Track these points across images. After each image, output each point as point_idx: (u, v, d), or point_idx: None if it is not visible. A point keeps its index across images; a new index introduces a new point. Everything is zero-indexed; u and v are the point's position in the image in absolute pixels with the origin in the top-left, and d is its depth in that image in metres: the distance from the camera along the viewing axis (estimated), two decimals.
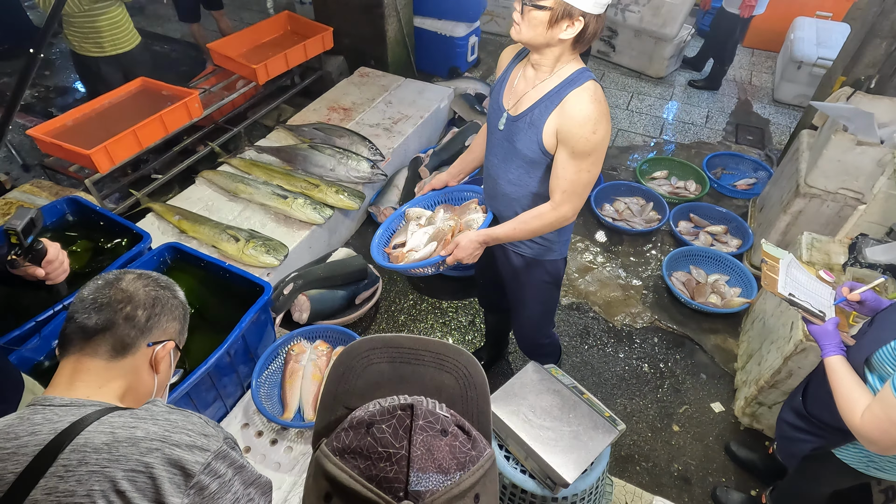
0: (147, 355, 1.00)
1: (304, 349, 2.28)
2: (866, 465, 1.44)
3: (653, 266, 3.15)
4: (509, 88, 1.59)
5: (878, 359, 1.27)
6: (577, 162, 1.46)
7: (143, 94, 3.21)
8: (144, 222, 2.75)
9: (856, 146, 2.43)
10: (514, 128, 1.55)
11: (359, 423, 0.52)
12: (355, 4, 4.06)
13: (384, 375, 0.60)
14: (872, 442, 1.22)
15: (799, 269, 1.48)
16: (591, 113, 1.41)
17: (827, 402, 1.36)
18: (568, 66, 1.47)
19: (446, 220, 1.87)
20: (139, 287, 1.00)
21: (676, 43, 4.72)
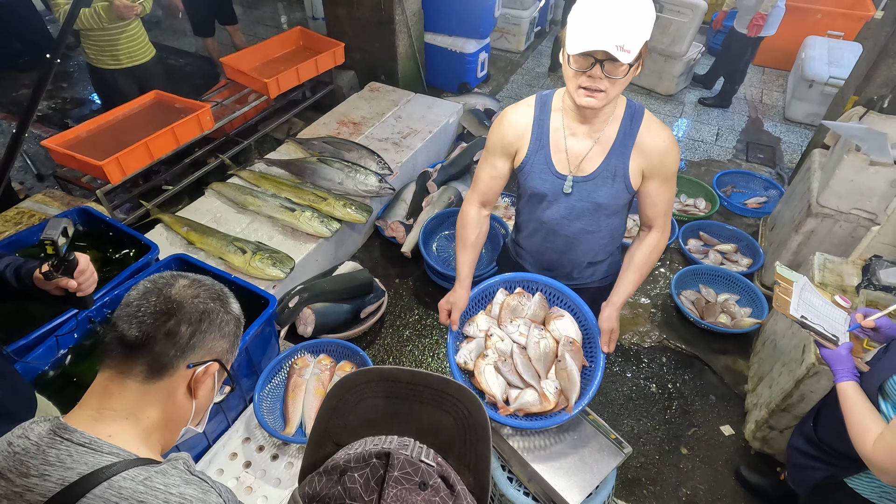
0: (186, 377, 0.88)
1: (308, 363, 2.26)
2: (879, 496, 1.39)
3: (661, 284, 3.11)
4: (559, 153, 1.45)
5: (892, 386, 1.23)
6: (669, 185, 1.47)
7: (156, 107, 3.26)
8: (153, 233, 2.76)
9: (869, 166, 2.40)
10: (589, 186, 1.46)
11: (333, 469, 0.49)
12: (367, 20, 4.12)
13: (378, 411, 0.57)
14: (885, 472, 1.18)
15: (813, 293, 1.45)
16: (670, 137, 1.41)
17: (839, 429, 1.32)
18: (618, 104, 1.40)
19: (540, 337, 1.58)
20: (188, 297, 0.88)
21: (686, 61, 4.72)
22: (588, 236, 1.57)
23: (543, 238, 1.64)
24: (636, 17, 1.18)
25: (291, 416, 2.09)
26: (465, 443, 0.55)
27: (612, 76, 1.22)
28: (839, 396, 1.31)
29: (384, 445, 0.50)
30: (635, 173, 1.43)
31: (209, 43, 4.78)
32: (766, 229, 3.40)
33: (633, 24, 1.17)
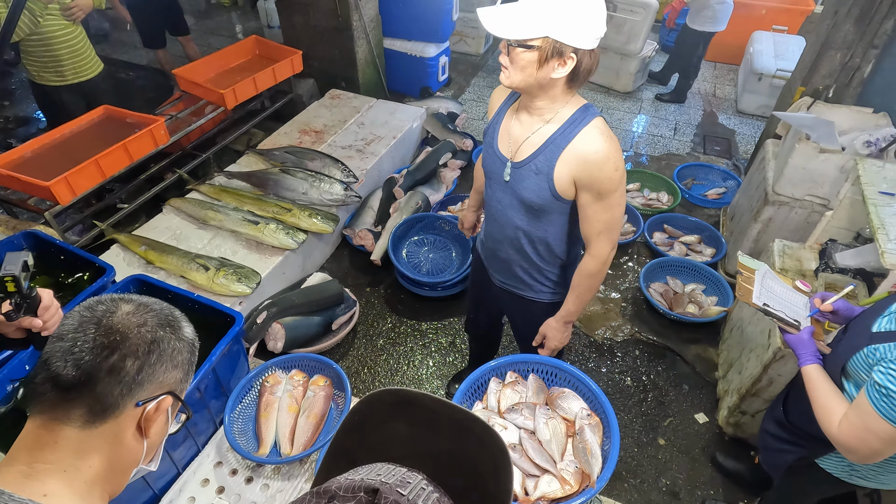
0: (135, 417, 0.78)
1: (280, 380, 2.19)
2: (849, 475, 1.43)
3: (630, 278, 3.16)
4: (504, 134, 1.51)
5: (853, 366, 1.27)
6: (605, 202, 1.39)
7: (106, 123, 3.12)
8: (109, 254, 2.65)
9: (819, 154, 2.50)
10: (517, 175, 1.48)
11: (324, 492, 0.46)
12: (324, 28, 4.06)
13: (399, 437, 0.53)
14: (850, 451, 1.21)
15: (774, 280, 1.48)
16: (606, 151, 1.34)
17: (807, 411, 1.35)
18: (567, 106, 1.39)
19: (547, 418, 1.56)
20: (132, 326, 0.78)
21: (641, 58, 4.83)
22: (520, 233, 1.58)
23: (490, 224, 1.69)
24: (530, 4, 1.24)
25: (264, 436, 2.01)
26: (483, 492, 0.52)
27: (512, 59, 1.30)
28: (804, 380, 1.34)
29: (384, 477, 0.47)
30: (563, 178, 1.39)
31: (160, 55, 4.63)
32: (726, 219, 3.50)
33: (522, 7, 1.25)
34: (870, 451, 1.17)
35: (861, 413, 1.17)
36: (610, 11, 4.64)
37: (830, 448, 1.39)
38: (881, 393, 1.12)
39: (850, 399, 1.27)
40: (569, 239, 1.59)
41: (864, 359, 1.23)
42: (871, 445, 1.16)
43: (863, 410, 1.16)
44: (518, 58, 1.28)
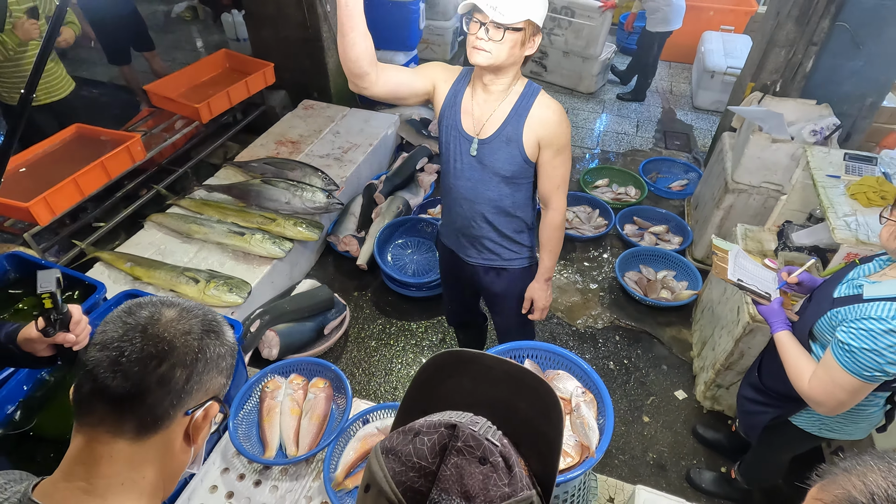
0: (183, 425, 0.76)
1: (280, 385, 2.23)
2: (819, 429, 1.59)
3: (606, 269, 3.32)
4: (467, 115, 1.63)
5: (819, 329, 1.42)
6: (561, 157, 1.62)
7: (79, 141, 3.09)
8: (93, 272, 2.63)
9: (772, 144, 2.71)
10: (487, 149, 1.62)
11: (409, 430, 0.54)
12: (293, 40, 4.10)
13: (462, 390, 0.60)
14: (820, 404, 1.35)
15: (745, 258, 1.63)
16: (560, 111, 1.58)
17: (780, 374, 1.50)
18: (519, 82, 1.60)
19: None
20: (179, 333, 0.75)
21: (601, 61, 5.06)
22: (491, 205, 1.71)
23: (452, 204, 1.78)
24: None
25: (269, 439, 2.05)
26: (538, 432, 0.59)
27: (493, 39, 1.44)
28: (777, 345, 1.49)
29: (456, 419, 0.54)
30: (530, 142, 1.59)
31: (125, 71, 4.58)
32: (690, 208, 3.71)
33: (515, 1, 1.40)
34: (837, 402, 1.31)
35: (828, 369, 1.31)
36: (569, 18, 4.87)
37: (802, 405, 1.54)
38: (844, 349, 1.27)
39: (817, 359, 1.42)
40: (532, 203, 1.78)
41: (827, 322, 1.37)
42: (838, 397, 1.30)
43: (829, 366, 1.30)
44: (508, 39, 1.44)
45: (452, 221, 1.85)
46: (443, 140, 1.72)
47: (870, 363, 1.23)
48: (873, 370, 1.23)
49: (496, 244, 1.81)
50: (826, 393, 1.32)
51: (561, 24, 4.94)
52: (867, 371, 1.24)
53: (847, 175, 2.06)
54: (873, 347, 1.22)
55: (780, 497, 2.18)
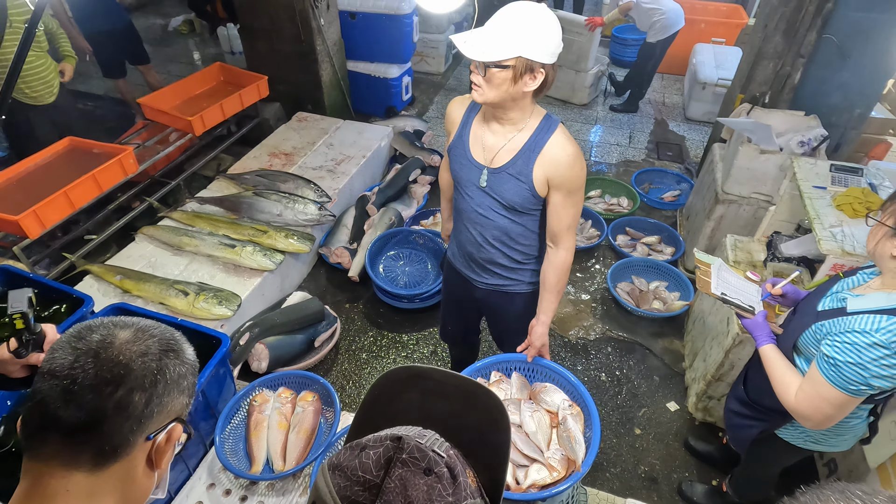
0: (145, 450, 0.73)
1: (268, 398, 2.22)
2: (805, 441, 1.58)
3: (598, 280, 3.32)
4: (477, 143, 1.62)
5: (803, 342, 1.41)
6: (572, 199, 1.57)
7: (72, 154, 3.10)
8: (83, 286, 2.62)
9: (760, 155, 2.72)
10: (497, 180, 1.60)
11: (357, 445, 0.54)
12: (288, 53, 4.14)
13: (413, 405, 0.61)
14: (807, 418, 1.35)
15: (728, 272, 1.63)
16: (575, 153, 1.52)
17: (765, 387, 1.49)
18: (534, 116, 1.55)
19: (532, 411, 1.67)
20: (135, 355, 0.71)
21: (594, 73, 5.10)
22: (498, 235, 1.70)
23: (462, 228, 1.78)
24: (499, 28, 1.39)
25: (256, 454, 2.04)
26: (487, 443, 0.59)
27: (487, 78, 1.42)
28: (762, 359, 1.48)
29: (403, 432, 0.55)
30: (539, 179, 1.55)
31: (120, 84, 4.61)
32: (682, 219, 3.72)
33: (492, 31, 1.39)
34: (823, 416, 1.30)
35: (814, 383, 1.30)
36: None
37: (788, 419, 1.53)
38: (829, 363, 1.26)
39: (802, 372, 1.41)
40: (540, 231, 1.75)
41: (812, 335, 1.37)
42: (824, 411, 1.29)
43: (815, 380, 1.30)
44: (494, 77, 1.41)
45: (462, 244, 1.84)
46: (454, 167, 1.71)
47: (855, 377, 1.23)
48: (859, 384, 1.23)
49: (506, 269, 1.80)
50: (813, 407, 1.31)
51: None
52: (853, 385, 1.24)
53: (833, 186, 2.07)
54: (858, 361, 1.21)
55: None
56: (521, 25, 1.36)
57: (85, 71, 5.64)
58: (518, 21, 1.37)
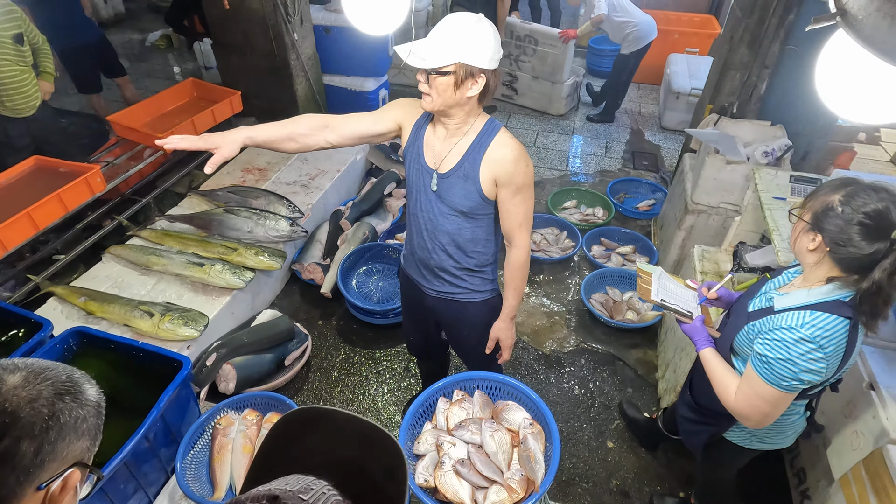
0: (37, 500, 0.69)
1: (232, 421, 2.19)
2: (751, 442, 1.61)
3: (573, 291, 3.32)
4: (428, 149, 1.67)
5: (738, 344, 1.45)
6: (521, 196, 1.62)
7: (38, 173, 3.05)
8: (46, 308, 2.57)
9: (727, 165, 2.75)
10: (446, 184, 1.64)
11: (234, 502, 0.53)
12: (262, 67, 4.12)
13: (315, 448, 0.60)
14: (747, 418, 1.37)
15: (668, 280, 1.67)
16: (517, 151, 1.57)
17: (710, 391, 1.50)
18: (478, 120, 1.61)
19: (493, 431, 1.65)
20: (24, 402, 0.68)
21: (570, 84, 5.14)
22: (447, 237, 1.71)
23: (414, 233, 1.80)
24: (441, 37, 1.45)
25: (219, 479, 2.00)
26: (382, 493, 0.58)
27: (432, 85, 1.48)
28: (702, 362, 1.50)
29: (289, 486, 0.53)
30: (487, 179, 1.59)
31: (94, 100, 4.57)
32: (657, 228, 3.74)
33: (435, 41, 1.46)
34: (762, 414, 1.34)
35: (750, 382, 1.33)
36: (534, 46, 4.98)
37: (734, 421, 1.55)
38: (762, 361, 1.30)
39: (740, 373, 1.44)
40: (494, 238, 1.78)
41: (745, 336, 1.40)
42: (762, 409, 1.32)
43: (751, 380, 1.33)
44: (437, 83, 1.47)
45: (414, 251, 1.85)
46: (408, 172, 1.74)
47: (786, 372, 1.26)
48: (790, 379, 1.26)
49: (456, 277, 1.80)
50: (751, 406, 1.34)
51: (526, 50, 5.04)
52: (785, 381, 1.27)
53: (792, 197, 2.09)
54: (788, 357, 1.25)
55: None
56: (459, 34, 1.44)
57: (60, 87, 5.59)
58: (456, 30, 1.45)
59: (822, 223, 1.24)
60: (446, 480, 1.53)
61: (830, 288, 1.26)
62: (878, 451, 1.60)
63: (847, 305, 1.24)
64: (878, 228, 1.16)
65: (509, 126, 5.16)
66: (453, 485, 1.52)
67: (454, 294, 1.84)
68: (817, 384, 1.31)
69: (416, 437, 1.69)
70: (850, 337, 1.24)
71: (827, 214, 1.23)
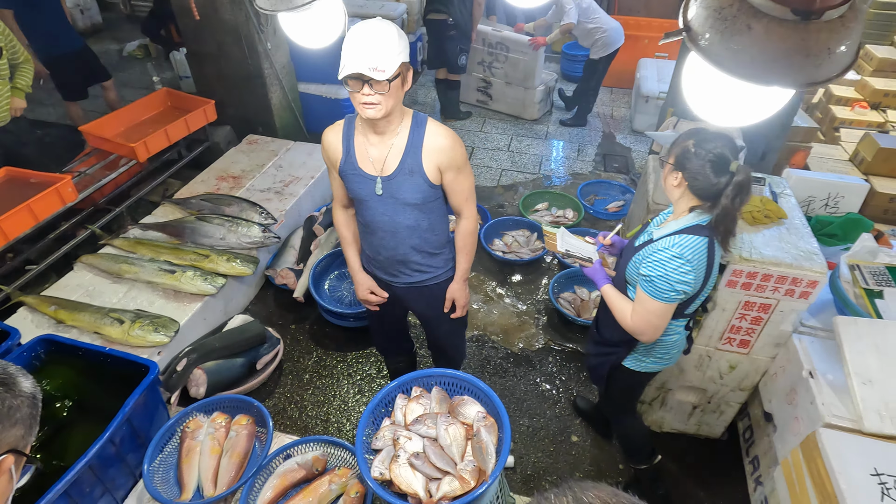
0: None
1: (201, 424, 2.21)
2: (645, 366, 1.89)
3: (542, 291, 3.40)
4: (364, 159, 1.74)
5: (629, 274, 1.71)
6: (463, 174, 1.77)
7: (9, 184, 3.07)
8: (16, 318, 2.59)
9: None
10: (393, 184, 1.72)
11: None
12: (235, 77, 4.17)
13: None
14: (642, 333, 1.67)
15: (571, 237, 1.93)
16: (451, 136, 1.71)
17: (610, 322, 1.80)
18: (405, 117, 1.70)
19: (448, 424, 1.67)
20: None
21: (542, 89, 5.25)
22: (410, 231, 1.82)
23: (372, 237, 1.88)
24: (384, 44, 1.50)
25: (186, 481, 2.03)
26: None
27: (379, 92, 1.52)
28: (603, 297, 1.80)
29: None
30: (431, 169, 1.70)
31: (73, 109, 4.59)
32: (625, 228, 3.84)
33: (381, 50, 1.49)
34: (653, 327, 1.64)
35: (641, 302, 1.63)
36: (506, 53, 5.08)
37: (629, 348, 1.85)
38: (646, 281, 1.60)
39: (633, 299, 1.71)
40: (446, 218, 1.91)
41: (634, 266, 1.68)
42: (652, 322, 1.63)
43: (641, 299, 1.63)
44: (393, 88, 1.54)
45: (377, 252, 1.93)
46: (351, 187, 1.81)
47: (664, 286, 1.56)
48: (668, 291, 1.57)
49: (422, 264, 1.93)
50: (644, 321, 1.64)
51: (498, 57, 5.14)
52: (665, 294, 1.57)
53: None
54: (664, 273, 1.55)
55: None
56: (389, 37, 1.52)
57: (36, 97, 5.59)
58: (385, 34, 1.52)
59: (682, 164, 1.57)
60: (401, 473, 1.58)
61: (692, 216, 1.60)
62: (812, 434, 1.69)
63: (705, 228, 1.57)
64: (721, 164, 1.49)
65: (484, 131, 5.25)
66: (407, 477, 1.57)
67: (422, 281, 1.96)
68: (690, 297, 1.63)
69: (375, 434, 1.74)
70: (709, 252, 1.56)
71: (685, 157, 1.56)
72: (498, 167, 4.70)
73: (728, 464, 2.42)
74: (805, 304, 1.88)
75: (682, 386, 2.34)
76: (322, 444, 2.13)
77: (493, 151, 4.93)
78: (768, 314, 1.95)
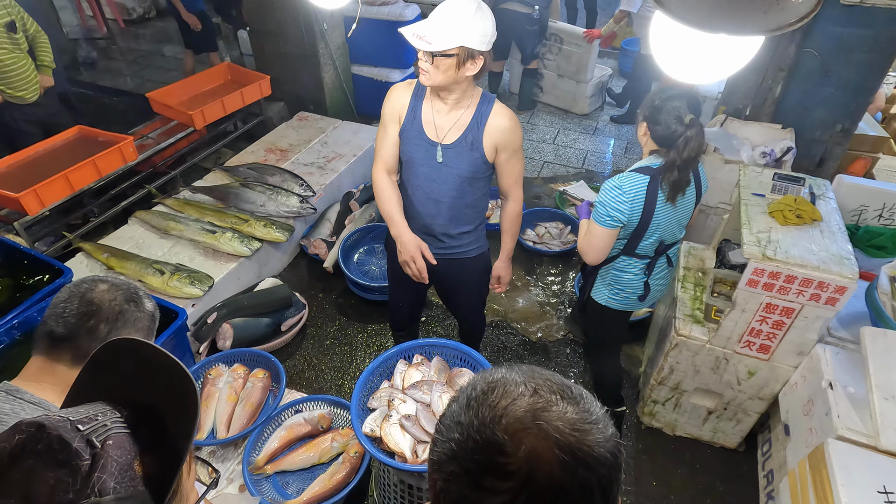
0: None
1: (222, 373, 2.36)
2: (607, 300, 2.06)
3: (569, 284, 3.35)
4: (429, 124, 1.80)
5: None
6: (516, 157, 1.87)
7: (80, 141, 3.36)
8: (74, 261, 2.84)
9: (725, 164, 2.73)
10: (453, 153, 1.80)
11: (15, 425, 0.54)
12: (292, 55, 4.35)
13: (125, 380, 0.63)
14: (585, 253, 1.91)
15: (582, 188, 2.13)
16: (513, 119, 1.80)
17: None
18: (475, 94, 1.79)
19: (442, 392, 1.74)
20: (106, 300, 1.07)
21: (594, 84, 5.13)
22: (456, 202, 1.88)
23: (420, 204, 1.93)
24: (442, 20, 1.59)
25: (203, 422, 2.18)
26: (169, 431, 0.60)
27: (427, 61, 1.62)
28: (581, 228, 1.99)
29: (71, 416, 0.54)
30: (489, 147, 1.79)
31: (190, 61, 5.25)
32: None
33: (436, 23, 1.59)
34: (592, 248, 1.87)
35: (589, 225, 1.88)
36: (559, 45, 5.00)
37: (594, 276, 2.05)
38: (594, 207, 1.84)
39: None
40: (485, 198, 2.00)
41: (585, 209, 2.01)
42: (592, 243, 1.86)
43: (589, 223, 1.88)
44: (441, 64, 1.61)
45: (417, 218, 1.98)
46: (408, 149, 1.87)
47: (603, 211, 1.80)
48: (605, 216, 1.80)
49: (454, 238, 1.99)
50: (586, 242, 1.89)
51: (552, 49, 5.06)
52: (602, 218, 1.81)
53: (772, 194, 2.08)
54: (604, 199, 1.80)
55: None
56: (462, 19, 1.57)
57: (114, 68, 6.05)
58: (459, 15, 1.57)
59: (647, 114, 1.81)
60: (391, 432, 1.64)
61: (651, 158, 1.84)
62: (820, 445, 1.60)
63: (654, 170, 1.79)
64: (678, 116, 1.72)
65: (531, 123, 5.21)
66: (396, 437, 1.63)
67: (453, 253, 2.02)
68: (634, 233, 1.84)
69: (373, 394, 1.80)
70: (648, 191, 1.77)
71: (651, 108, 1.79)
72: (541, 159, 4.66)
73: (740, 475, 2.33)
74: (832, 312, 1.77)
75: (698, 388, 2.27)
76: (329, 404, 2.22)
77: (538, 143, 4.88)
78: (791, 319, 1.85)
